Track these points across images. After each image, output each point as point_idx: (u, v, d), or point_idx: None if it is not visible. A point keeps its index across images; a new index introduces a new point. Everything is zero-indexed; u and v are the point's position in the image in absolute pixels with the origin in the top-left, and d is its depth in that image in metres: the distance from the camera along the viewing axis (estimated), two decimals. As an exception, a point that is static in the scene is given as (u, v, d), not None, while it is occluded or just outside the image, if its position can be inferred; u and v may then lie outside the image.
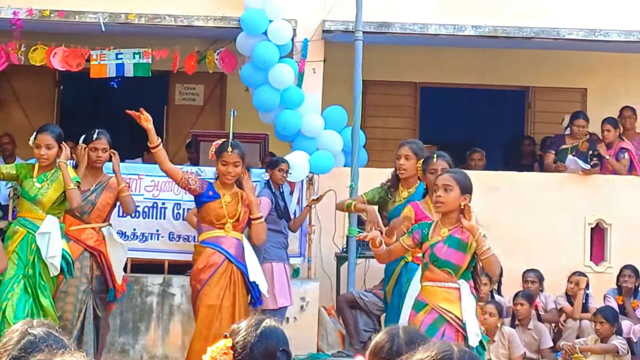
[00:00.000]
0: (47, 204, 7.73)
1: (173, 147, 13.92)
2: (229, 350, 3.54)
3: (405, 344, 3.37)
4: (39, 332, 2.97)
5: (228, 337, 3.57)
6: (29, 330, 2.98)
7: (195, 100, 14.18)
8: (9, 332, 3.01)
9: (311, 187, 10.65)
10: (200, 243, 8.14)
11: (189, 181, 8.05)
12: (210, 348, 3.57)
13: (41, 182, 7.79)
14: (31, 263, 7.63)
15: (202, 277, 7.92)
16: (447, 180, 6.50)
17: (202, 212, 8.10)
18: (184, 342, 9.87)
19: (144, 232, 10.01)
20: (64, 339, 3.00)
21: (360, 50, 10.87)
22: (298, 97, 10.76)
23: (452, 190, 6.45)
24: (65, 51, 11.06)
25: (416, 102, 14.23)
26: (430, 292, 6.48)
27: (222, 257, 7.94)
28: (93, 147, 8.30)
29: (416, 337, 3.40)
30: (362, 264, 10.82)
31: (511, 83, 14.16)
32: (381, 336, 3.39)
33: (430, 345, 2.92)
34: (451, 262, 6.42)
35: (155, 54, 11.15)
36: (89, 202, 8.15)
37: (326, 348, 10.26)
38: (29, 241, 7.67)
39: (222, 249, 7.94)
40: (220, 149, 8.06)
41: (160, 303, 9.95)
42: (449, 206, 6.46)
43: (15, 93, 13.96)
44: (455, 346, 2.89)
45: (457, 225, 6.46)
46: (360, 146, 10.83)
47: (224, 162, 8.00)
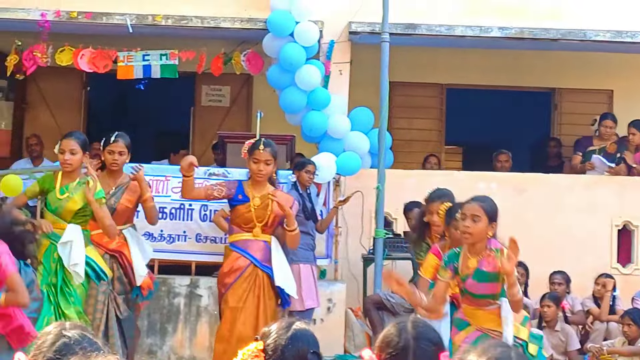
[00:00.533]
0: (68, 215, 7.71)
1: (199, 148, 13.97)
2: (260, 352, 3.54)
3: (413, 339, 3.36)
4: (74, 335, 2.98)
5: (259, 340, 3.59)
6: (63, 332, 2.99)
7: (221, 101, 14.21)
8: (43, 334, 3.03)
9: (338, 188, 10.65)
10: (228, 245, 8.16)
11: (214, 193, 8.04)
12: (242, 351, 3.58)
13: (63, 194, 7.77)
14: (54, 272, 7.65)
15: (227, 281, 7.92)
16: (475, 210, 6.31)
17: (232, 214, 8.12)
18: (211, 344, 9.88)
19: (171, 234, 10.03)
20: (98, 341, 3.02)
21: (386, 51, 10.86)
22: (324, 98, 10.77)
23: (480, 220, 6.27)
24: (93, 53, 11.11)
25: (442, 103, 14.21)
26: (473, 314, 6.43)
27: (247, 262, 7.92)
28: (110, 149, 8.12)
29: (426, 332, 3.39)
30: (388, 265, 10.81)
31: (537, 84, 14.12)
32: (389, 330, 3.37)
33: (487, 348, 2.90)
34: (487, 294, 6.36)
35: (182, 55, 11.19)
36: (109, 207, 8.05)
37: (353, 350, 10.26)
38: (52, 251, 7.69)
39: (247, 254, 7.93)
40: (252, 146, 8.06)
41: (188, 304, 9.98)
42: (477, 237, 6.30)
43: (43, 94, 14.03)
44: (513, 351, 2.87)
45: (485, 256, 6.33)
46: (386, 148, 10.82)
47: (256, 160, 7.98)
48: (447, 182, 11.41)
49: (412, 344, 3.35)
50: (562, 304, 10.28)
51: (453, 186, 10.66)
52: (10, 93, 14.04)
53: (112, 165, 8.11)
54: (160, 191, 9.97)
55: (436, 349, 3.37)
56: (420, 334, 3.40)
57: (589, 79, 13.61)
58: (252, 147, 8.07)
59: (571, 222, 11.41)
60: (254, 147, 8.04)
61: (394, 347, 3.33)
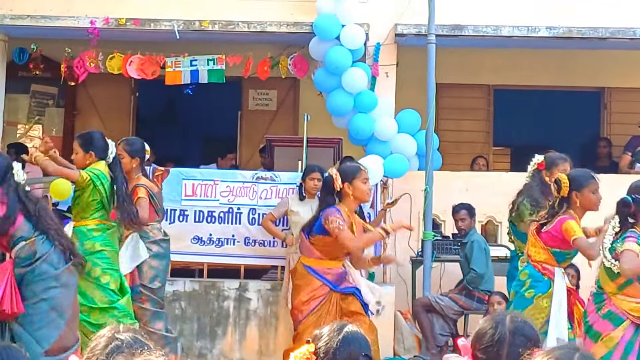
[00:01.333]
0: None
1: (247, 152, 14.04)
2: (311, 355, 3.55)
3: (509, 333, 3.33)
4: (126, 337, 3.01)
5: (311, 343, 3.59)
6: (116, 335, 3.02)
7: (268, 105, 14.26)
8: (97, 337, 3.07)
9: (385, 190, 10.64)
10: (308, 270, 8.05)
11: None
12: (293, 353, 3.59)
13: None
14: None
15: (305, 309, 7.92)
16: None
17: (328, 242, 7.97)
18: (260, 347, 9.93)
19: (220, 237, 10.08)
20: (150, 344, 3.04)
21: (433, 53, 10.83)
22: (371, 101, 10.76)
23: None
24: (141, 59, 11.21)
25: (490, 104, 14.15)
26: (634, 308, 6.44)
27: (327, 289, 7.94)
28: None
29: (522, 327, 3.36)
30: (437, 267, 10.78)
31: (586, 84, 14.01)
32: (486, 322, 3.34)
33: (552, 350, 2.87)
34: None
35: (229, 60, 11.25)
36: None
37: (403, 352, 10.25)
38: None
39: (328, 282, 7.96)
40: (354, 169, 8.00)
41: (237, 307, 10.02)
42: None
43: (93, 101, 14.17)
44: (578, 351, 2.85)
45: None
46: (434, 149, 10.80)
47: (365, 180, 7.96)
48: (495, 183, 11.39)
49: (507, 338, 3.33)
50: None
51: (502, 188, 10.65)
52: (60, 100, 14.21)
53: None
54: (209, 195, 10.03)
55: (531, 345, 3.34)
56: (517, 329, 3.38)
57: (638, 77, 13.48)
58: (352, 169, 8.00)
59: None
60: (356, 169, 7.97)
61: (490, 339, 3.30)
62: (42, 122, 14.22)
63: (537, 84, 14.06)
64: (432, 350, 9.96)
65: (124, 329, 3.13)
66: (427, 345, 10.07)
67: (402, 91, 11.49)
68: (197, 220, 10.02)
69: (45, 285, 6.54)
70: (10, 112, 13.33)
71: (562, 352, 2.79)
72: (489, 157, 13.93)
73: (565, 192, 7.32)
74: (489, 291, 10.02)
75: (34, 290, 6.47)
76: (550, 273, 7.32)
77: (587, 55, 13.22)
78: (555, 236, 7.25)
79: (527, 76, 13.83)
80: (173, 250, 9.96)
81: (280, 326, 9.86)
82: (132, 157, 8.36)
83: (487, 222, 11.43)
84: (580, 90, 14.22)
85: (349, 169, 8.07)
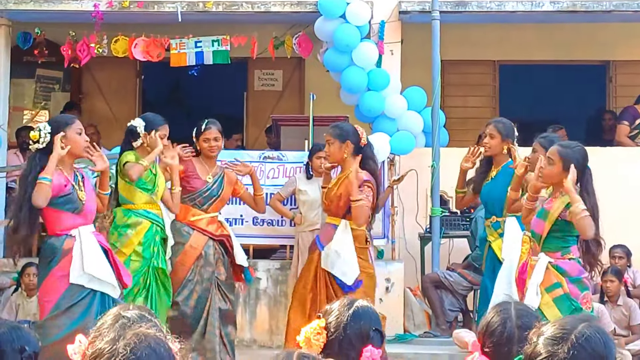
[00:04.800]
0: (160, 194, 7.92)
1: (253, 132, 14.05)
2: (322, 330, 3.58)
3: (517, 328, 3.30)
4: (132, 315, 3.02)
5: (321, 318, 3.62)
6: (122, 313, 3.04)
7: (274, 85, 14.27)
8: (104, 316, 3.08)
9: (392, 168, 10.64)
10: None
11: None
12: (304, 329, 3.61)
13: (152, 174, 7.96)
14: (156, 254, 7.80)
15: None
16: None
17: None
18: (271, 326, 9.96)
19: (228, 218, 10.05)
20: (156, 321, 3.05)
21: (437, 30, 10.81)
22: (384, 79, 10.71)
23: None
24: (146, 41, 11.19)
25: (495, 80, 14.14)
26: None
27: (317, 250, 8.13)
28: (205, 137, 8.53)
29: (529, 322, 3.30)
30: (446, 243, 10.80)
31: (591, 58, 13.98)
32: (492, 318, 3.29)
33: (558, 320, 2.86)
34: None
35: (234, 40, 11.23)
36: (212, 193, 8.41)
37: (413, 329, 10.27)
38: (154, 233, 7.84)
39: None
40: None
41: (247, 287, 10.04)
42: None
43: (98, 84, 14.18)
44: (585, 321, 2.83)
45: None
46: (440, 126, 10.79)
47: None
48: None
49: (516, 334, 3.31)
50: (624, 278, 10.20)
51: (509, 162, 10.63)
52: (66, 84, 14.22)
53: (211, 151, 8.53)
54: (216, 176, 10.04)
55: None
56: (525, 324, 3.33)
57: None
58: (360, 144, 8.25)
59: (631, 195, 11.28)
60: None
61: (499, 336, 3.26)
62: (48, 107, 14.24)
63: (542, 59, 14.03)
64: (442, 326, 9.99)
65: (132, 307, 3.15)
66: (436, 321, 10.09)
67: (407, 69, 11.47)
68: (205, 202, 10.02)
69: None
70: (16, 97, 13.34)
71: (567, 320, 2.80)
72: (495, 133, 13.89)
73: None
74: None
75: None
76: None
77: (592, 28, 13.18)
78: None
79: (532, 51, 13.80)
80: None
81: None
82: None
83: (494, 198, 11.42)
84: (586, 64, 14.19)
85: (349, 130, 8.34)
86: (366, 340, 3.55)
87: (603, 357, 2.69)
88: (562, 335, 2.72)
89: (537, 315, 3.49)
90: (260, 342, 9.97)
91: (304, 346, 3.53)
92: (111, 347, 2.45)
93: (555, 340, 2.71)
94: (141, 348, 2.44)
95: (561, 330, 2.74)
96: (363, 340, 3.54)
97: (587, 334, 2.71)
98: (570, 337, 2.70)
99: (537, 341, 2.74)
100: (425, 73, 11.00)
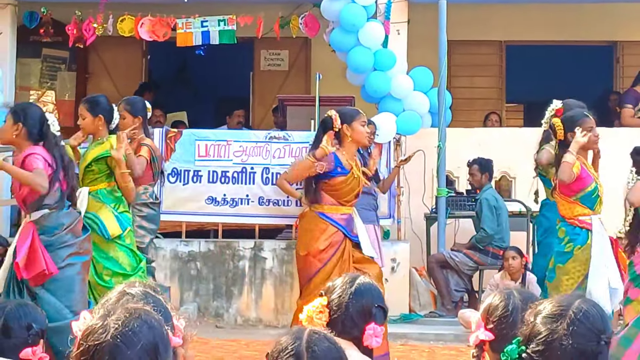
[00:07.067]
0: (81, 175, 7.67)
1: (260, 112, 14.05)
2: (324, 308, 3.58)
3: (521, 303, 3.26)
4: (137, 292, 3.03)
5: (323, 296, 3.62)
6: (127, 290, 3.05)
7: (280, 65, 14.25)
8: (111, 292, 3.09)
9: (399, 148, 10.64)
10: (319, 215, 8.03)
11: (318, 169, 7.97)
12: (307, 307, 3.61)
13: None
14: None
15: (325, 257, 7.91)
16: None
17: (331, 186, 7.97)
18: (276, 306, 9.99)
19: (234, 198, 10.10)
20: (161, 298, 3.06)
21: (444, 10, 10.79)
22: (390, 59, 10.67)
23: None
24: (152, 21, 11.16)
25: (502, 60, 14.11)
26: None
27: (342, 235, 7.95)
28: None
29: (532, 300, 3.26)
30: (451, 224, 10.80)
31: (598, 38, 13.93)
32: (496, 303, 3.26)
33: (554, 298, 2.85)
34: None
35: (240, 20, 11.20)
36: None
37: (418, 309, 10.29)
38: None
39: (342, 227, 7.96)
40: (353, 112, 8.01)
41: (253, 267, 10.07)
42: None
43: (104, 64, 14.17)
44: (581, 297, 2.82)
45: None
46: (446, 107, 10.78)
47: (363, 123, 7.96)
48: (509, 139, 11.39)
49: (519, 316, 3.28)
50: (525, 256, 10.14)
51: (516, 144, 10.65)
52: (72, 64, 14.20)
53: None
54: (222, 155, 10.05)
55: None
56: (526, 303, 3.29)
57: (651, 30, 13.41)
58: (350, 113, 8.00)
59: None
60: (355, 112, 7.98)
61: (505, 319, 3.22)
62: (54, 87, 14.23)
63: (549, 39, 13.99)
64: (448, 306, 10.01)
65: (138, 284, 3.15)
66: (442, 301, 10.12)
67: (413, 49, 11.43)
68: (210, 181, 10.04)
69: (70, 251, 6.57)
70: (22, 77, 13.34)
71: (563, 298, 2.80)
72: (502, 114, 13.90)
73: (561, 135, 7.43)
74: (503, 247, 10.06)
75: (60, 255, 6.50)
76: (588, 224, 7.35)
77: (599, 9, 13.14)
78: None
79: (539, 32, 13.75)
80: (187, 211, 10.05)
81: (295, 285, 9.88)
82: (134, 117, 8.28)
83: (500, 178, 11.44)
84: (593, 44, 14.15)
85: (348, 111, 8.09)
86: (369, 317, 3.55)
87: (601, 330, 2.70)
88: (560, 312, 2.72)
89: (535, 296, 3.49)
90: (266, 321, 9.99)
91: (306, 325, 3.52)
92: (102, 322, 2.46)
93: (554, 318, 2.71)
94: (132, 321, 2.46)
95: (558, 307, 2.74)
96: (365, 318, 3.55)
97: (584, 309, 2.71)
98: (568, 313, 2.71)
99: (535, 321, 2.74)
100: (432, 53, 10.98)
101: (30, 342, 3.88)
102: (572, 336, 2.67)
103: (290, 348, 2.74)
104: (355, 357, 3.44)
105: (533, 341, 2.72)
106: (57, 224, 6.53)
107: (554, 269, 7.46)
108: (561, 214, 7.49)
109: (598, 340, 2.68)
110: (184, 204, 10.02)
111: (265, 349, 2.81)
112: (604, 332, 2.69)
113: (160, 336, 2.50)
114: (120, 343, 2.42)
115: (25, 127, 6.60)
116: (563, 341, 2.67)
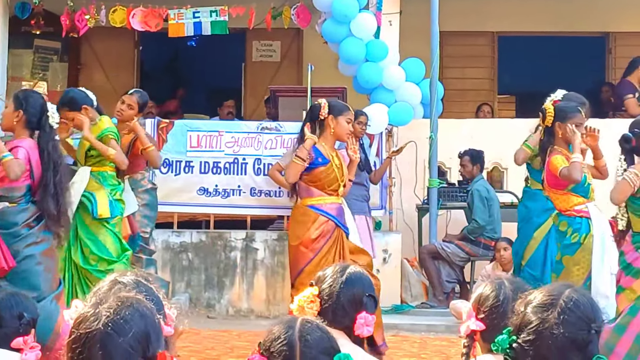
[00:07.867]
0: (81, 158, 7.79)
1: (251, 103, 14.05)
2: (315, 298, 3.58)
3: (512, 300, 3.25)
4: (128, 280, 3.04)
5: (314, 285, 3.62)
6: (118, 279, 3.06)
7: (272, 56, 14.26)
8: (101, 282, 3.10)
9: (390, 139, 10.65)
10: (309, 207, 7.91)
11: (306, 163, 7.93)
12: (297, 297, 3.62)
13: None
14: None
15: (316, 247, 7.87)
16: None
17: (312, 177, 7.88)
18: (268, 296, 10.00)
19: (226, 188, 10.11)
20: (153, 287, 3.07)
21: (436, 1, 10.79)
22: (382, 50, 10.66)
23: None
24: (144, 11, 11.15)
25: (494, 51, 14.12)
26: None
27: (333, 225, 7.92)
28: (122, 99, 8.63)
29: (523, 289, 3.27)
30: (443, 215, 10.82)
31: (590, 29, 13.95)
32: (487, 291, 3.27)
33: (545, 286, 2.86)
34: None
35: (232, 11, 11.19)
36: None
37: (410, 299, 10.31)
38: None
39: (333, 217, 7.93)
40: (342, 106, 7.97)
41: (244, 258, 10.08)
42: None
43: (96, 55, 14.16)
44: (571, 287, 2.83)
45: None
46: (438, 98, 10.78)
47: (349, 120, 7.95)
48: (501, 130, 11.40)
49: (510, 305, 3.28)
50: None
51: (508, 135, 10.65)
52: (64, 54, 14.18)
53: (117, 114, 8.53)
54: (214, 146, 10.06)
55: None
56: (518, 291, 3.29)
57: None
58: (339, 107, 7.93)
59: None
60: (343, 108, 7.94)
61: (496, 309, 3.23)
62: (46, 78, 14.21)
63: (541, 30, 14.00)
64: (439, 297, 10.03)
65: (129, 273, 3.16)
66: (434, 292, 10.14)
67: (405, 40, 11.43)
68: (202, 172, 10.05)
69: (27, 242, 6.53)
70: (14, 68, 13.31)
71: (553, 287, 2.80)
72: (494, 105, 13.91)
73: (549, 122, 7.41)
74: (495, 238, 10.08)
75: (17, 249, 6.46)
76: (585, 212, 7.35)
77: (591, 0, 13.15)
78: (554, 176, 7.31)
79: (532, 23, 13.76)
80: (179, 202, 10.06)
81: (287, 275, 9.91)
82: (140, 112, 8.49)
83: (492, 169, 11.46)
84: (585, 35, 14.17)
85: (338, 105, 8.05)
86: (359, 306, 3.55)
87: (591, 319, 2.70)
88: (551, 301, 2.73)
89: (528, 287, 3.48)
90: (257, 312, 10.01)
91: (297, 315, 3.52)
92: (94, 310, 2.48)
93: (545, 307, 2.72)
94: (124, 309, 2.47)
95: (549, 296, 2.75)
96: (356, 307, 3.55)
97: (574, 297, 2.72)
98: (559, 302, 2.71)
99: (526, 310, 2.75)
100: (424, 44, 10.97)
101: (22, 332, 3.88)
102: (562, 325, 2.67)
103: (283, 337, 2.74)
104: (347, 346, 3.44)
105: (524, 331, 2.72)
106: (14, 221, 6.50)
107: (561, 261, 7.46)
108: (557, 208, 7.48)
109: (588, 329, 2.69)
110: (175, 195, 10.03)
111: (256, 340, 2.81)
112: (594, 321, 2.70)
113: (152, 325, 2.51)
114: (111, 331, 2.43)
115: (25, 114, 6.59)
116: (554, 330, 2.68)
